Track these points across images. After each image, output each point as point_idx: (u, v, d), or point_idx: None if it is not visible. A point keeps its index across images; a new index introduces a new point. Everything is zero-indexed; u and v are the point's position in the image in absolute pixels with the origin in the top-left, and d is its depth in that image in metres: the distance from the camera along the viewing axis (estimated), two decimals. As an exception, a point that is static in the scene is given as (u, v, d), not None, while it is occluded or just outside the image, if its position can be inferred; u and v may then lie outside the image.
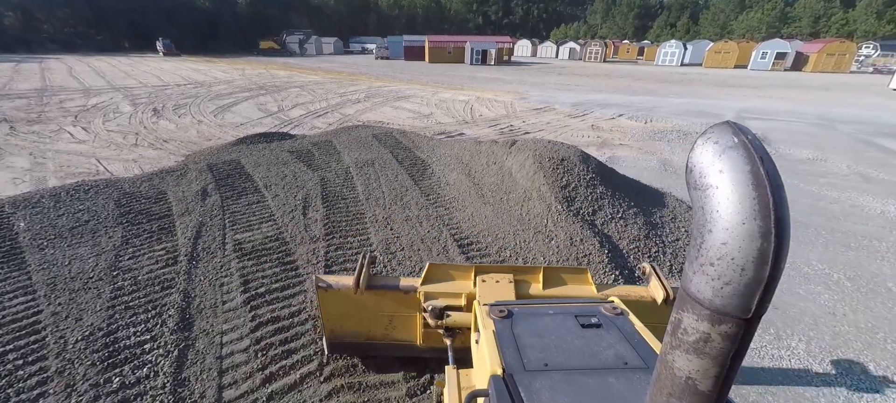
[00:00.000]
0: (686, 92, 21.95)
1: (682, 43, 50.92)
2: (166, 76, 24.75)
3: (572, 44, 63.83)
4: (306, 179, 6.76)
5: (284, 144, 8.94)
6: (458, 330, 2.35)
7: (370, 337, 2.84)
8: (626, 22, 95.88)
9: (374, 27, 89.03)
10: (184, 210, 5.50)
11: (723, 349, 0.67)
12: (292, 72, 30.38)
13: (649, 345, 1.44)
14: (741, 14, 76.18)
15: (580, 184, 5.65)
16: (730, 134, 0.64)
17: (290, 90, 19.24)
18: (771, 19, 70.06)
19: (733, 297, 0.63)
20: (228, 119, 12.49)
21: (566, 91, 21.32)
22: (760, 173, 0.59)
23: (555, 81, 27.40)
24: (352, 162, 7.64)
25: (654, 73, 37.24)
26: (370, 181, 6.79)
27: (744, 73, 38.31)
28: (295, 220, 5.31)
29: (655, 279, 2.51)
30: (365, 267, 2.64)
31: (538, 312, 1.64)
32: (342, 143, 9.02)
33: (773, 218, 0.58)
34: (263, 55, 55.45)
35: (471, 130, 11.50)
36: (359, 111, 14.27)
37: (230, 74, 26.84)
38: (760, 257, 0.59)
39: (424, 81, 25.28)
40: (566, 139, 10.62)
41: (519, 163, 6.39)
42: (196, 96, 16.70)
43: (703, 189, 0.65)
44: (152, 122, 11.70)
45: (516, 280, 2.38)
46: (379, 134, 9.79)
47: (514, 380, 1.25)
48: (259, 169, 7.19)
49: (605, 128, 12.03)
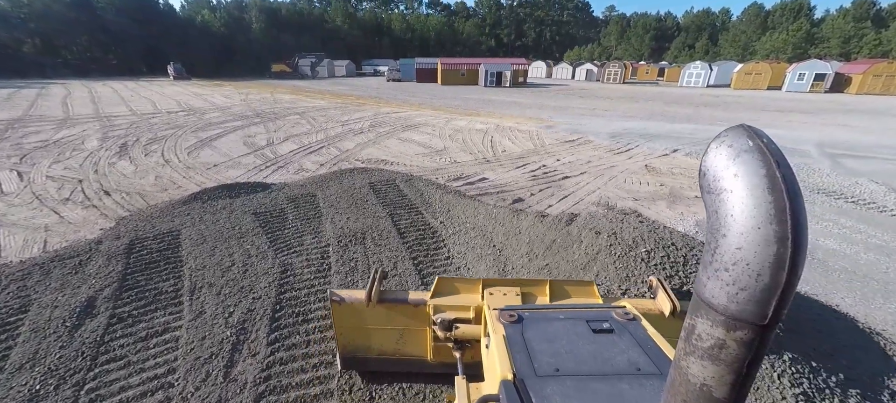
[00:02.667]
0: (732, 118, 19.40)
1: (707, 64, 48.44)
2: (163, 102, 23.35)
3: (589, 65, 61.93)
4: (260, 271, 4.50)
5: (253, 199, 6.77)
6: (468, 344, 2.32)
7: (382, 352, 2.84)
8: (642, 43, 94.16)
9: (387, 50, 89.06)
10: (26, 359, 3.24)
11: (738, 356, 0.64)
12: (298, 96, 28.90)
13: (662, 351, 1.41)
14: (764, 35, 73.66)
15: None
16: (744, 137, 0.62)
17: (288, 118, 17.39)
18: (797, 40, 67.27)
19: (749, 303, 0.60)
20: (204, 158, 10.48)
21: (595, 117, 19.01)
22: (776, 176, 0.57)
23: (578, 105, 25.16)
24: (334, 235, 5.37)
25: (682, 95, 34.77)
26: (356, 274, 4.49)
27: (781, 95, 35.54)
28: (208, 383, 3.00)
29: (662, 292, 2.46)
30: (376, 281, 2.67)
31: (549, 317, 1.61)
32: (329, 197, 6.81)
33: (789, 223, 0.56)
34: (275, 78, 54.95)
35: (495, 174, 9.21)
36: (360, 145, 12.17)
37: (231, 100, 25.38)
38: (777, 262, 0.57)
39: (437, 106, 23.32)
40: (621, 187, 8.23)
41: (588, 257, 4.00)
42: (181, 127, 14.91)
43: (717, 193, 0.64)
44: (110, 163, 9.74)
45: (523, 293, 2.39)
46: (378, 183, 7.57)
47: (525, 385, 1.23)
48: (199, 249, 4.97)
49: (664, 170, 9.60)
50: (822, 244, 5.68)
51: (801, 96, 34.04)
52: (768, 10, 77.27)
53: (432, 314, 2.48)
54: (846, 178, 8.80)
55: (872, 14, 66.08)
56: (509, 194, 7.91)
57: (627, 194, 7.88)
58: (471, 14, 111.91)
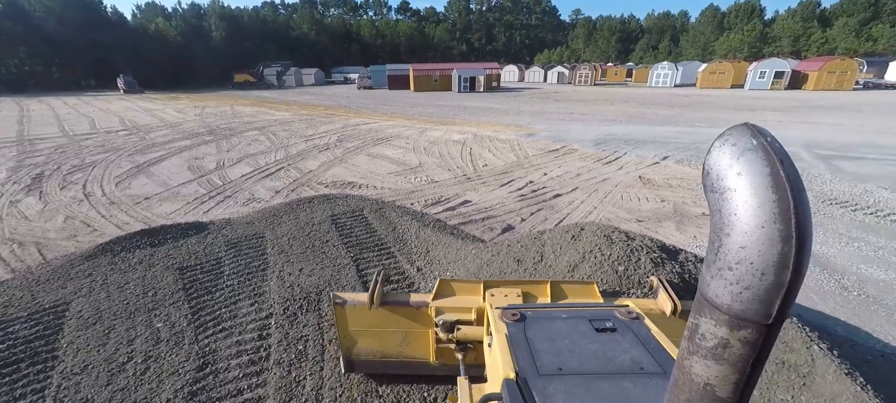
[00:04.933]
0: (711, 119, 19.27)
1: (673, 64, 49.66)
2: (104, 120, 21.03)
3: (560, 68, 62.44)
4: (167, 371, 3.19)
5: (181, 247, 5.39)
6: (470, 345, 2.34)
7: (385, 355, 2.84)
8: (609, 45, 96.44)
9: (357, 57, 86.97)
10: None
11: (742, 356, 0.64)
12: (262, 108, 27.01)
13: (666, 350, 1.38)
14: (722, 35, 76.84)
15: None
16: (748, 136, 0.61)
17: (245, 135, 15.76)
18: (751, 40, 70.49)
19: (753, 302, 0.60)
20: (136, 189, 8.88)
21: (575, 122, 18.38)
22: (780, 175, 0.57)
23: (555, 109, 24.62)
24: (281, 299, 4.11)
25: (653, 95, 35.13)
26: (303, 363, 3.26)
27: (746, 93, 36.55)
28: None
29: (663, 291, 2.42)
30: (379, 284, 2.64)
31: (551, 315, 1.59)
32: (280, 239, 5.53)
33: (794, 221, 0.55)
34: (239, 89, 52.09)
35: (478, 194, 8.14)
36: (325, 165, 10.83)
37: (184, 115, 23.26)
38: (781, 261, 0.56)
39: (410, 115, 22.15)
40: (619, 205, 7.33)
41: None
42: (117, 150, 13.05)
43: (720, 192, 0.63)
44: (12, 201, 8.00)
45: (524, 293, 2.37)
46: (342, 215, 6.34)
47: (528, 384, 1.21)
48: (86, 335, 3.60)
49: (659, 181, 8.83)
50: (870, 275, 4.91)
51: (764, 94, 35.10)
52: (724, 12, 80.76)
53: (434, 317, 2.50)
54: (853, 185, 8.28)
55: (817, 14, 70.20)
56: (497, 220, 6.85)
57: (628, 214, 6.98)
58: (441, 19, 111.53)
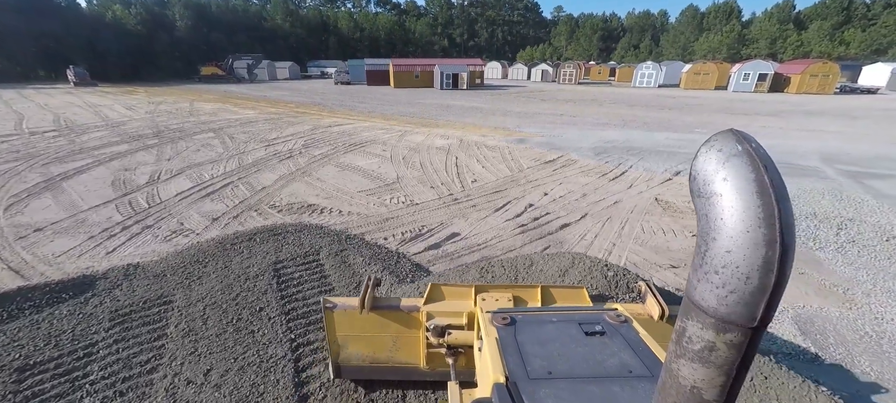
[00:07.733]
0: (708, 124, 18.33)
1: (657, 64, 49.35)
2: (37, 118, 18.36)
3: (544, 66, 61.49)
4: None
5: (42, 325, 3.61)
6: (461, 350, 2.34)
7: (375, 360, 2.79)
8: (591, 44, 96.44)
9: (334, 50, 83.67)
10: None
11: (728, 358, 0.65)
12: (225, 104, 24.61)
13: (654, 353, 1.39)
14: (701, 36, 77.72)
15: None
16: (733, 142, 0.63)
17: (196, 138, 13.67)
18: (730, 41, 71.47)
19: (738, 305, 0.61)
20: (30, 214, 6.90)
21: (567, 126, 17.06)
22: (765, 181, 0.58)
23: (543, 109, 23.31)
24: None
25: (640, 97, 34.40)
26: None
27: (732, 95, 36.30)
28: None
29: (651, 296, 2.42)
30: (370, 288, 2.59)
31: (541, 319, 1.60)
32: (192, 306, 3.83)
33: (778, 226, 0.56)
34: (205, 83, 48.67)
35: (468, 224, 6.59)
36: (283, 179, 9.04)
37: (134, 111, 20.73)
38: (766, 265, 0.57)
39: (389, 115, 20.36)
40: (642, 241, 5.91)
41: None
42: (33, 156, 10.83)
43: (706, 197, 0.63)
44: None
45: (515, 297, 2.39)
46: (289, 261, 4.68)
47: (518, 388, 1.22)
48: None
49: (680, 205, 7.50)
50: None
51: (749, 96, 34.91)
52: (703, 12, 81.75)
53: (425, 321, 2.47)
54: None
55: (793, 17, 71.81)
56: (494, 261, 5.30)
57: (657, 256, 5.57)
58: (422, 13, 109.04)
